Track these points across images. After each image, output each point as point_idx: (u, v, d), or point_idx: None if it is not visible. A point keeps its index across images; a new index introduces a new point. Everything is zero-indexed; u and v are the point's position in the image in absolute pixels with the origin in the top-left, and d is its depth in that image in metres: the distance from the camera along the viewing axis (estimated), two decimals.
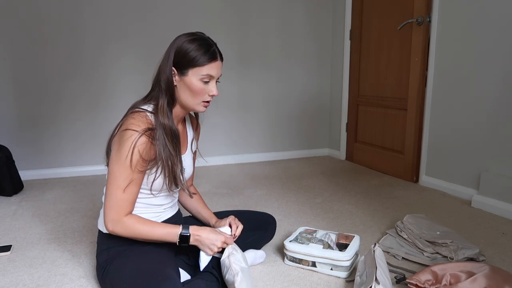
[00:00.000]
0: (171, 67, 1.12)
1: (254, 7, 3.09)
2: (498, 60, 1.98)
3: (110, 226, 1.09)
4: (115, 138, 1.12)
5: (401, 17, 2.58)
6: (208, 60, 1.11)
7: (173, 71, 1.12)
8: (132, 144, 1.06)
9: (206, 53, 1.10)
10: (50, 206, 2.11)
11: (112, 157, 1.10)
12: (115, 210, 1.09)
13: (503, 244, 1.59)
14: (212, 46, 1.13)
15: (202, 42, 1.11)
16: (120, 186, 1.08)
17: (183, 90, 1.14)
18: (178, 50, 1.11)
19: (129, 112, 1.14)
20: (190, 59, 1.10)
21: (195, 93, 1.13)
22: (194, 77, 1.11)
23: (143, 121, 1.09)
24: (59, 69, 2.68)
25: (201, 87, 1.13)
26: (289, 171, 2.91)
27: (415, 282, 1.17)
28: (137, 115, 1.10)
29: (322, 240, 1.40)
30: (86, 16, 2.67)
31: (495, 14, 1.97)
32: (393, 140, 2.77)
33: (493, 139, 2.03)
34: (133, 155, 1.06)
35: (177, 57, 1.11)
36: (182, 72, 1.12)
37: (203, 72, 1.11)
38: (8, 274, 1.36)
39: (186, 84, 1.13)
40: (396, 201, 2.17)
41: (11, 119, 2.63)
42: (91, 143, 2.82)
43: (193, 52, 1.10)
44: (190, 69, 1.11)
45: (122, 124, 1.11)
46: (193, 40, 1.11)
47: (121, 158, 1.07)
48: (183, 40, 1.11)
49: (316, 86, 3.43)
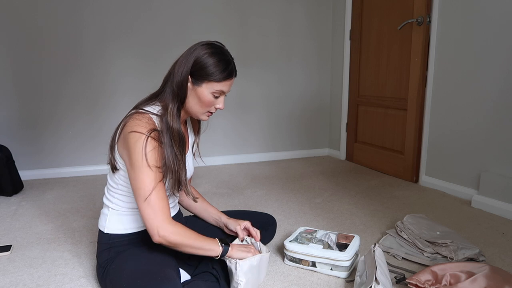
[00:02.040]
0: (187, 74, 1.12)
1: (254, 7, 3.09)
2: (498, 60, 1.98)
3: (156, 237, 1.04)
4: (120, 141, 1.11)
5: (401, 17, 2.58)
6: (225, 78, 1.13)
7: (188, 78, 1.13)
8: (143, 147, 1.05)
9: (224, 71, 1.13)
10: (50, 206, 2.11)
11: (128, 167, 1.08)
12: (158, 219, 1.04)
13: (503, 244, 1.59)
14: (230, 63, 1.15)
15: (221, 58, 1.13)
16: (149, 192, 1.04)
17: (193, 98, 1.15)
18: (197, 61, 1.11)
19: (132, 112, 1.13)
20: (207, 73, 1.11)
21: (204, 104, 1.15)
22: (207, 90, 1.13)
23: (147, 123, 1.08)
24: (59, 69, 2.68)
25: (211, 100, 1.15)
26: (289, 171, 2.91)
27: (415, 282, 1.17)
28: (139, 117, 1.09)
29: (322, 240, 1.40)
30: (85, 15, 2.67)
31: (495, 14, 1.97)
32: (393, 140, 2.77)
33: (493, 139, 2.03)
34: (148, 156, 1.05)
35: (194, 67, 1.12)
36: (196, 83, 1.13)
37: (217, 88, 1.13)
38: (8, 274, 1.36)
39: (198, 94, 1.14)
40: (396, 201, 2.17)
41: (11, 119, 2.63)
42: (91, 143, 2.82)
43: (212, 67, 1.11)
44: (205, 83, 1.13)
45: (125, 126, 1.09)
46: (213, 54, 1.12)
47: (138, 164, 1.05)
48: (203, 52, 1.12)
49: (316, 86, 3.43)
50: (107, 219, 1.20)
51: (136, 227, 1.20)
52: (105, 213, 1.22)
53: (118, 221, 1.19)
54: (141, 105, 1.16)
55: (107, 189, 1.23)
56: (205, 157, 3.07)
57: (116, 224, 1.19)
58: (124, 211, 1.19)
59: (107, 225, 1.20)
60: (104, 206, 1.24)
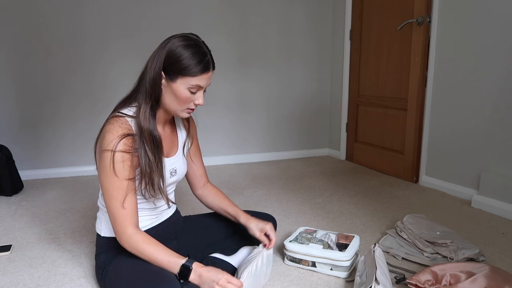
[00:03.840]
0: (160, 70, 1.05)
1: (254, 7, 3.09)
2: (498, 60, 1.98)
3: (119, 240, 1.06)
4: (97, 146, 1.09)
5: (401, 17, 2.57)
6: (201, 71, 1.05)
7: (161, 74, 1.06)
8: (111, 152, 1.02)
9: (200, 64, 1.04)
10: (50, 206, 2.11)
11: (98, 168, 1.07)
12: (118, 223, 1.04)
13: (503, 244, 1.59)
14: (206, 55, 1.06)
15: (196, 50, 1.04)
16: (114, 197, 1.04)
17: (169, 95, 1.08)
18: (170, 55, 1.04)
19: (110, 116, 1.10)
20: (181, 67, 1.03)
21: (181, 101, 1.08)
22: (183, 85, 1.05)
23: (121, 127, 1.05)
24: (60, 69, 2.68)
25: (188, 96, 1.07)
26: (289, 171, 2.91)
27: (415, 282, 1.17)
28: (115, 121, 1.06)
29: (322, 240, 1.40)
30: (87, 16, 2.67)
31: (495, 14, 1.97)
32: (393, 140, 2.77)
33: (493, 139, 2.03)
34: (115, 164, 1.02)
35: (167, 61, 1.04)
36: (170, 78, 1.06)
37: (193, 82, 1.05)
38: (8, 274, 1.36)
39: (173, 90, 1.07)
40: (396, 201, 2.17)
41: (11, 119, 2.63)
42: (91, 143, 2.81)
43: (186, 60, 1.03)
44: (180, 77, 1.05)
45: (101, 131, 1.07)
46: (187, 46, 1.04)
47: (106, 169, 1.03)
48: (176, 44, 1.04)
49: (316, 86, 3.43)
50: (102, 223, 1.20)
51: None
52: (99, 217, 1.22)
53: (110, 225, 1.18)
54: (119, 107, 1.13)
55: (100, 192, 1.22)
56: (205, 157, 3.06)
57: (110, 227, 1.18)
58: None
59: (103, 228, 1.20)
60: (99, 210, 1.24)
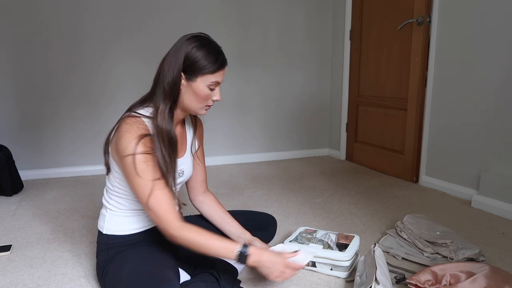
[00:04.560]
0: (179, 72, 1.10)
1: (254, 7, 3.09)
2: (498, 60, 1.98)
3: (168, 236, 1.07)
4: (113, 145, 1.11)
5: (401, 17, 2.57)
6: (218, 68, 1.12)
7: (181, 76, 1.11)
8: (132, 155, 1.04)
9: (216, 62, 1.11)
10: (50, 206, 2.11)
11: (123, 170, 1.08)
12: (162, 220, 1.06)
13: (503, 244, 1.59)
14: (220, 53, 1.13)
15: (211, 49, 1.11)
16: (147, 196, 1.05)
17: (189, 95, 1.13)
18: (187, 57, 1.09)
19: (125, 116, 1.12)
20: (200, 67, 1.10)
21: (201, 98, 1.14)
22: (202, 83, 1.11)
23: (139, 127, 1.07)
24: (60, 69, 2.67)
25: (207, 93, 1.13)
26: (289, 171, 2.91)
27: (415, 282, 1.17)
28: (131, 121, 1.08)
29: (322, 240, 1.40)
30: (87, 16, 2.67)
31: (495, 14, 1.97)
32: (393, 140, 2.77)
33: (493, 139, 2.03)
34: (138, 165, 1.05)
35: (185, 63, 1.10)
36: (190, 78, 1.11)
37: (212, 79, 1.12)
38: (8, 274, 1.36)
39: (193, 89, 1.12)
40: (396, 201, 2.17)
41: (11, 119, 2.63)
42: (91, 143, 2.82)
43: (203, 60, 1.09)
44: (200, 76, 1.11)
45: (117, 130, 1.09)
46: (202, 46, 1.10)
47: (131, 172, 1.05)
48: (191, 46, 1.10)
49: (316, 86, 3.43)
50: (105, 220, 1.20)
51: (133, 228, 1.20)
52: (103, 214, 1.22)
53: (115, 222, 1.19)
54: (134, 107, 1.15)
55: (105, 190, 1.23)
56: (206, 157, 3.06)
57: (114, 225, 1.19)
58: (121, 212, 1.19)
59: (106, 226, 1.20)
60: (103, 207, 1.24)
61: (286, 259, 1.11)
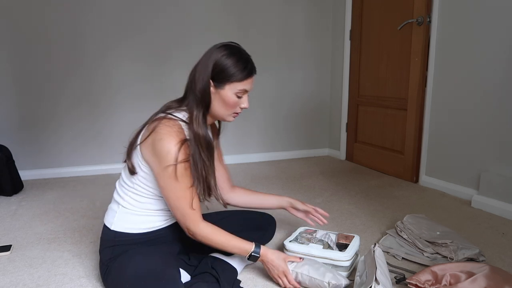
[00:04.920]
0: (208, 79, 1.13)
1: (254, 7, 3.09)
2: (498, 60, 1.98)
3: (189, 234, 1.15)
4: (147, 145, 1.10)
5: (401, 17, 2.57)
6: (246, 76, 1.15)
7: (210, 83, 1.14)
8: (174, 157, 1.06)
9: (245, 70, 1.14)
10: (50, 206, 2.11)
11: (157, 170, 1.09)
12: (190, 221, 1.12)
13: (503, 244, 1.59)
14: (249, 61, 1.16)
15: (240, 57, 1.14)
16: (179, 197, 1.10)
17: (217, 102, 1.16)
18: (216, 64, 1.12)
19: (162, 116, 1.12)
20: (228, 75, 1.13)
21: (229, 106, 1.16)
22: (230, 91, 1.14)
23: (178, 131, 1.09)
24: (60, 69, 2.68)
25: (235, 100, 1.16)
26: (289, 171, 2.91)
27: (415, 282, 1.17)
28: (171, 123, 1.09)
29: (322, 240, 1.40)
30: (87, 15, 2.67)
31: (495, 14, 1.97)
32: (393, 140, 2.77)
33: (493, 139, 2.03)
34: (179, 172, 1.08)
35: (214, 70, 1.13)
36: (219, 86, 1.14)
37: (240, 87, 1.15)
38: (8, 274, 1.36)
39: (222, 97, 1.15)
40: (396, 201, 2.17)
41: (11, 119, 2.63)
42: (92, 143, 2.82)
43: (232, 68, 1.12)
44: (228, 84, 1.14)
45: (156, 131, 1.08)
46: (231, 54, 1.13)
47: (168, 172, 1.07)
48: (221, 54, 1.13)
49: (316, 86, 3.43)
50: (115, 216, 1.18)
51: (144, 228, 1.19)
52: (114, 210, 1.20)
53: (126, 220, 1.18)
54: (170, 109, 1.16)
55: (120, 185, 1.20)
56: None
57: (124, 222, 1.18)
58: (136, 210, 1.18)
59: (115, 222, 1.18)
60: (113, 202, 1.22)
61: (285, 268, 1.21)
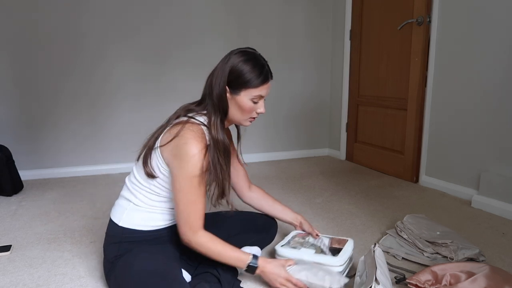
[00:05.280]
0: (224, 85, 1.14)
1: (254, 7, 3.09)
2: (498, 60, 1.98)
3: (185, 239, 1.12)
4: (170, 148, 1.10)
5: (401, 17, 2.57)
6: (261, 82, 1.14)
7: (226, 89, 1.14)
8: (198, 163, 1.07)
9: (260, 76, 1.13)
10: (50, 206, 2.11)
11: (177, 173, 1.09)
12: (189, 226, 1.10)
13: (503, 244, 1.59)
14: (264, 67, 1.16)
15: (255, 63, 1.14)
16: (191, 201, 1.09)
17: (233, 107, 1.17)
18: (232, 70, 1.13)
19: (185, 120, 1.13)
20: (244, 81, 1.13)
21: (245, 111, 1.17)
22: (246, 97, 1.15)
23: (202, 136, 1.10)
24: (60, 69, 2.67)
25: (251, 106, 1.16)
26: (289, 171, 2.91)
27: (415, 282, 1.17)
28: (195, 129, 1.10)
29: (314, 244, 1.36)
30: (86, 15, 2.67)
31: (495, 14, 1.97)
32: (393, 140, 2.77)
33: (493, 139, 2.03)
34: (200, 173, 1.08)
35: (230, 76, 1.13)
36: (234, 92, 1.15)
37: (255, 93, 1.15)
38: (8, 274, 1.36)
39: (237, 102, 1.16)
40: (396, 201, 2.17)
41: (11, 119, 2.63)
42: (92, 143, 2.81)
43: (248, 74, 1.12)
44: (243, 90, 1.14)
45: (180, 135, 1.08)
46: (247, 60, 1.13)
47: (188, 176, 1.07)
48: (237, 60, 1.13)
49: (316, 86, 3.43)
50: (125, 213, 1.18)
51: (152, 225, 1.19)
52: (123, 206, 1.19)
53: (137, 217, 1.17)
54: (192, 112, 1.17)
55: (132, 183, 1.20)
56: None
57: (134, 219, 1.17)
58: (148, 208, 1.18)
59: (124, 218, 1.18)
60: (122, 199, 1.21)
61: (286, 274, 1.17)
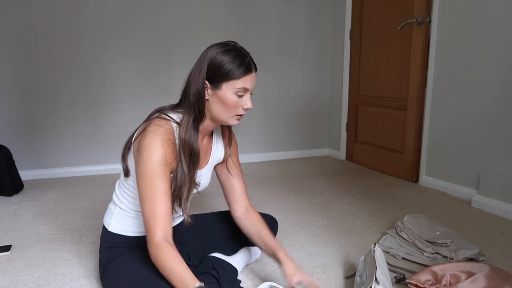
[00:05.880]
0: (203, 80, 1.05)
1: (254, 7, 3.09)
2: (498, 60, 1.98)
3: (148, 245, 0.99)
4: (136, 142, 1.06)
5: (401, 17, 2.57)
6: (243, 72, 1.05)
7: (205, 84, 1.06)
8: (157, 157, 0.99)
9: (241, 66, 1.05)
10: (50, 206, 2.11)
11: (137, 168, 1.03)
12: (148, 228, 0.99)
13: (503, 244, 1.59)
14: (246, 57, 1.07)
15: (236, 53, 1.06)
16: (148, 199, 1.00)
17: (216, 104, 1.07)
18: (211, 63, 1.04)
19: (154, 116, 1.08)
20: (224, 72, 1.04)
21: (229, 107, 1.07)
22: (229, 90, 1.05)
23: (167, 131, 1.03)
24: (60, 69, 2.67)
25: (235, 100, 1.07)
26: (289, 171, 2.91)
27: (415, 282, 1.17)
28: (161, 123, 1.04)
29: None
30: (85, 14, 2.67)
31: (495, 14, 1.97)
32: (393, 140, 2.77)
33: (493, 139, 2.03)
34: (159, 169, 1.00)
35: (210, 70, 1.05)
36: (215, 86, 1.06)
37: (238, 85, 1.05)
38: (8, 274, 1.36)
39: (220, 98, 1.06)
40: (396, 201, 2.17)
41: (11, 119, 2.63)
42: (91, 143, 2.81)
43: (228, 64, 1.03)
44: (224, 83, 1.05)
45: (145, 129, 1.03)
46: (227, 51, 1.05)
47: (146, 171, 0.99)
48: (215, 52, 1.05)
49: (316, 86, 3.43)
50: (112, 217, 1.18)
51: (141, 231, 1.17)
52: (111, 210, 1.19)
53: (123, 222, 1.17)
54: (165, 110, 1.11)
55: (119, 186, 1.18)
56: None
57: (120, 225, 1.17)
58: (129, 213, 1.16)
59: (112, 223, 1.17)
60: (112, 202, 1.21)
61: None
